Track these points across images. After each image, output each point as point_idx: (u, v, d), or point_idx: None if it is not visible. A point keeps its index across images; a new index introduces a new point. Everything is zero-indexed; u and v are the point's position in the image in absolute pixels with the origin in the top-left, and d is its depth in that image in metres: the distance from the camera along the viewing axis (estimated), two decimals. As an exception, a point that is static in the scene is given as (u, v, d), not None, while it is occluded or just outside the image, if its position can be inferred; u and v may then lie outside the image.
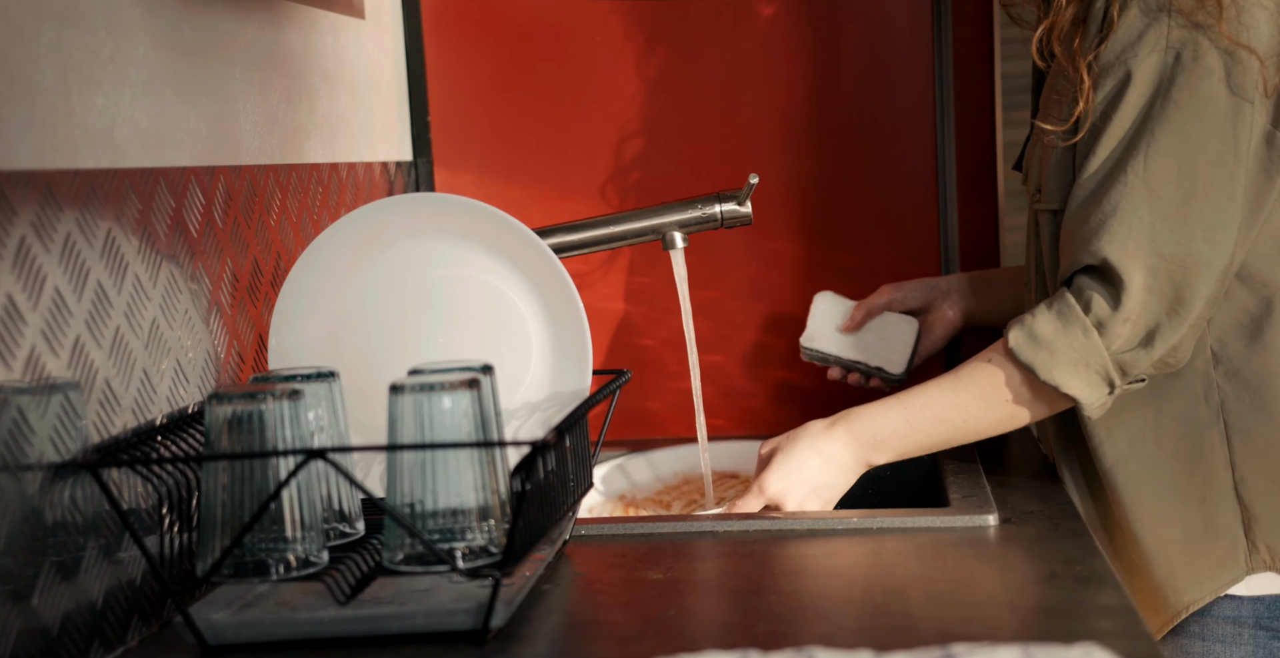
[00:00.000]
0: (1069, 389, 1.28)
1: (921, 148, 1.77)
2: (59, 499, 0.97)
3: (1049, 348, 1.28)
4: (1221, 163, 1.25)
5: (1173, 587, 1.33)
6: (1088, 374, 1.28)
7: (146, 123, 1.14)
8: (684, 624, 1.04)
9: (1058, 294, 1.30)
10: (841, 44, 1.78)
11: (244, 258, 1.31)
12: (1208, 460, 1.33)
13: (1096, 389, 1.29)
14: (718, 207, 1.55)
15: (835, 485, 1.36)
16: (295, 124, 1.46)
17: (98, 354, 1.04)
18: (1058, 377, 1.28)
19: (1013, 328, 1.30)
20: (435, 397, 1.01)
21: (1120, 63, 1.26)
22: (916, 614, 1.04)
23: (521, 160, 1.82)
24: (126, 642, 1.05)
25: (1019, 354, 1.29)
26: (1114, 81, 1.27)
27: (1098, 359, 1.27)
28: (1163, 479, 1.34)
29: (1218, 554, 1.32)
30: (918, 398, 1.34)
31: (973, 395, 1.32)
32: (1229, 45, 1.23)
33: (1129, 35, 1.26)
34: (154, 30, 1.17)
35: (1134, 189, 1.26)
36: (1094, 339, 1.27)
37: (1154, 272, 1.26)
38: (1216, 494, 1.32)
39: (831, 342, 1.63)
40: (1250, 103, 1.24)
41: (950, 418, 1.33)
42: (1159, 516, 1.33)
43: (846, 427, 1.35)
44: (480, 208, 1.25)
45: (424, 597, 1.08)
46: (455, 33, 1.81)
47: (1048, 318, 1.29)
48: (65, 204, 1.01)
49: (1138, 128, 1.27)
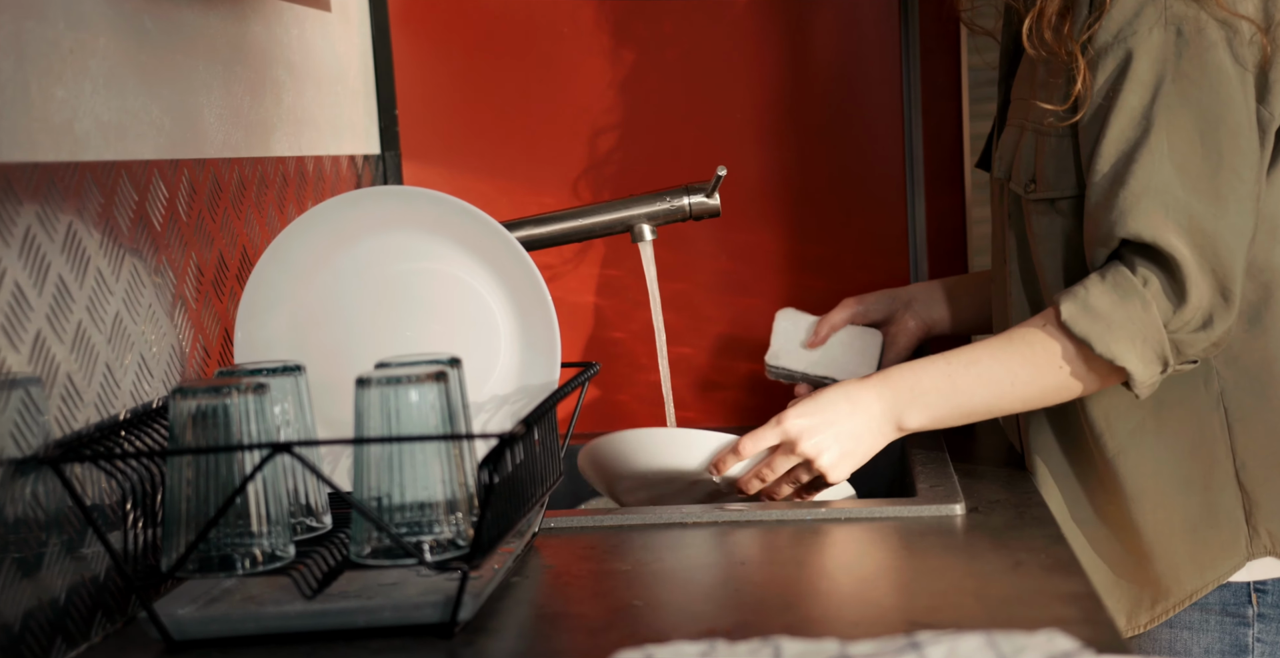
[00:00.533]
0: (1124, 362, 1.23)
1: (889, 140, 1.78)
2: (20, 495, 0.97)
3: (1106, 320, 1.23)
4: (1240, 133, 1.23)
5: (1174, 576, 1.32)
6: (1144, 350, 1.23)
7: (108, 115, 1.13)
8: (652, 615, 1.04)
9: (1110, 267, 1.25)
10: (810, 37, 1.78)
11: (209, 252, 1.31)
12: (1209, 448, 1.32)
13: (1150, 366, 1.24)
14: (686, 199, 1.55)
15: (861, 438, 1.28)
16: (260, 117, 1.45)
17: (59, 349, 1.03)
18: (1115, 349, 1.23)
19: (1065, 300, 1.25)
20: (402, 390, 1.01)
21: (1119, 42, 1.24)
22: (883, 603, 1.04)
23: (490, 154, 1.82)
24: (90, 638, 1.04)
25: (1073, 327, 1.24)
26: (1115, 61, 1.25)
27: (1155, 334, 1.23)
28: (1165, 468, 1.32)
29: (1220, 542, 1.32)
30: (965, 355, 1.28)
31: (1025, 360, 1.26)
32: (1227, 16, 1.22)
33: (1125, 15, 1.24)
34: (115, 22, 1.16)
35: (1161, 167, 1.23)
36: (1152, 314, 1.23)
37: (1199, 248, 1.22)
38: (1218, 482, 1.32)
39: (796, 358, 1.61)
40: (1250, 72, 1.23)
41: (997, 379, 1.27)
42: (1161, 504, 1.32)
43: (882, 377, 1.29)
44: (448, 201, 1.25)
45: (391, 590, 1.07)
46: (423, 25, 1.81)
47: (1103, 289, 1.24)
48: (25, 197, 1.00)
49: (1151, 105, 1.24)
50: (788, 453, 1.30)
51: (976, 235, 1.80)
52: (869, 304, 1.61)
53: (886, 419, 1.29)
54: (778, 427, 1.29)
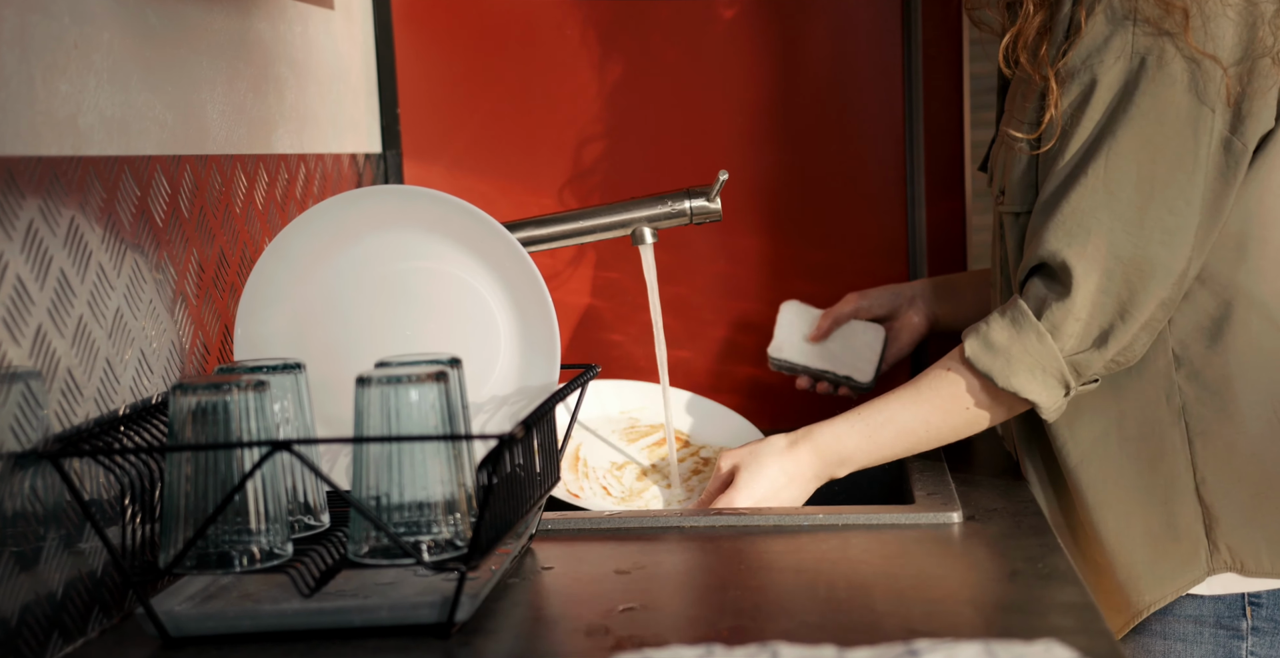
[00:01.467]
0: (1027, 394, 1.30)
1: (890, 146, 1.78)
2: (19, 489, 0.96)
3: (1005, 355, 1.30)
4: (1180, 167, 1.26)
5: (1134, 587, 1.34)
6: (1044, 378, 1.29)
7: (111, 110, 1.13)
8: (649, 619, 1.04)
9: (1011, 300, 1.32)
10: (812, 41, 1.78)
11: (210, 248, 1.30)
12: (1169, 461, 1.34)
13: (1053, 392, 1.30)
14: (687, 203, 1.55)
15: (798, 500, 1.37)
16: (263, 114, 1.45)
17: (60, 343, 1.03)
18: (1015, 383, 1.30)
19: (968, 336, 1.32)
20: (402, 389, 1.01)
21: (1086, 68, 1.28)
22: (880, 610, 1.04)
23: (491, 154, 1.82)
24: (87, 633, 1.04)
25: (976, 363, 1.31)
26: (1079, 87, 1.28)
27: (1052, 362, 1.29)
28: (1125, 479, 1.34)
29: (1180, 555, 1.33)
30: (879, 413, 1.36)
31: (934, 406, 1.34)
32: (1194, 54, 1.24)
33: (1094, 41, 1.27)
34: (120, 17, 1.16)
35: (1093, 191, 1.27)
36: (1048, 343, 1.28)
37: (1109, 274, 1.27)
38: (1178, 495, 1.33)
39: (799, 351, 1.63)
40: (1212, 110, 1.26)
41: (913, 429, 1.35)
42: (1122, 515, 1.34)
43: (810, 447, 1.36)
44: (449, 201, 1.25)
45: (388, 590, 1.07)
46: (425, 24, 1.80)
47: (1001, 325, 1.30)
48: (28, 191, 1.00)
49: (1100, 131, 1.28)
50: (728, 478, 1.37)
51: (976, 242, 1.81)
52: (873, 299, 1.63)
53: (817, 480, 1.38)
54: (727, 461, 1.37)
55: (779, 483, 1.35)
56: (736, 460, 1.38)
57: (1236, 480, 1.33)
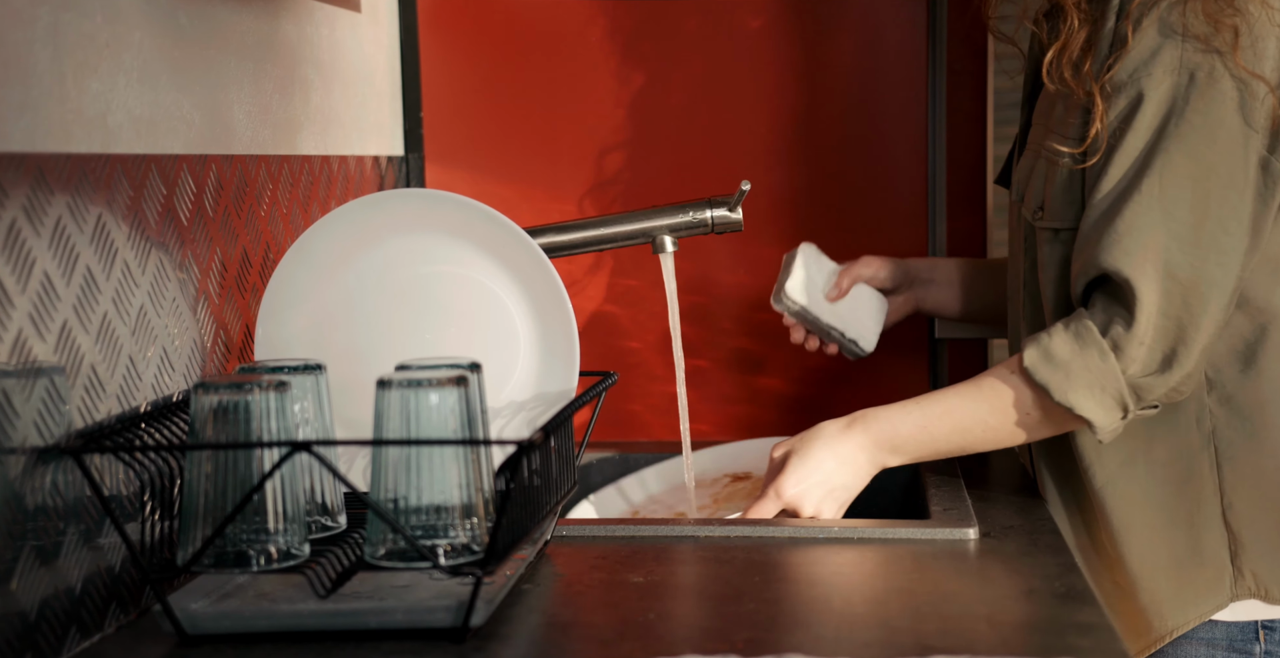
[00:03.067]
0: (1083, 411, 1.27)
1: (912, 159, 1.78)
2: (41, 484, 0.97)
3: (1064, 369, 1.27)
4: (1232, 186, 1.25)
5: (1157, 611, 1.33)
6: (1103, 397, 1.27)
7: (140, 109, 1.14)
8: (664, 628, 1.04)
9: (1074, 314, 1.29)
10: (836, 55, 1.78)
11: (233, 248, 1.31)
12: (1197, 486, 1.32)
13: (1111, 413, 1.27)
14: (709, 212, 1.55)
15: (851, 487, 1.34)
16: (288, 115, 1.46)
17: (84, 339, 1.03)
18: (1072, 398, 1.27)
19: (1028, 346, 1.29)
20: (422, 393, 1.01)
21: (1133, 82, 1.26)
22: (896, 626, 1.04)
23: (513, 159, 1.82)
24: (104, 629, 1.04)
25: (1034, 374, 1.28)
26: (1126, 100, 1.26)
27: (1113, 383, 1.26)
28: (1152, 503, 1.33)
29: (1204, 580, 1.32)
30: (938, 404, 1.33)
31: (992, 408, 1.31)
32: (1242, 73, 1.23)
33: (1142, 55, 1.25)
34: (151, 17, 1.16)
35: (1149, 209, 1.25)
36: (1111, 362, 1.26)
37: (1168, 294, 1.25)
38: (1205, 520, 1.32)
39: (812, 299, 1.57)
40: (1256, 131, 1.24)
41: (969, 427, 1.32)
42: (1147, 539, 1.33)
43: (863, 428, 1.34)
44: (472, 205, 1.25)
45: (404, 593, 1.07)
46: (450, 29, 1.81)
47: (1064, 338, 1.28)
48: (56, 188, 1.00)
49: (1151, 147, 1.26)
50: (791, 515, 1.35)
51: (996, 256, 1.80)
52: (886, 271, 1.60)
53: (871, 465, 1.35)
54: (779, 499, 1.34)
55: (828, 467, 1.33)
56: (789, 447, 1.36)
57: (1264, 507, 1.32)
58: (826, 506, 1.33)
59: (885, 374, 1.80)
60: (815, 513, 1.33)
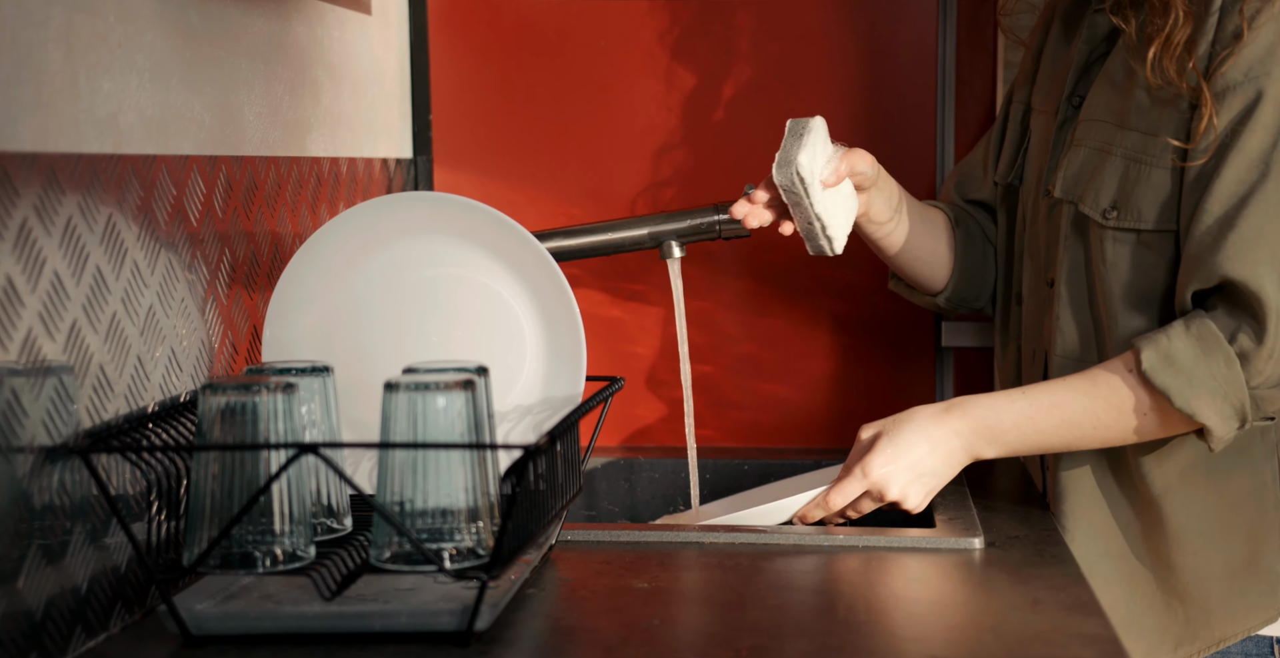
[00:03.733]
0: (1204, 419, 1.23)
1: (921, 168, 1.78)
2: (48, 483, 0.97)
3: (1188, 374, 1.22)
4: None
5: (1204, 621, 1.31)
6: (1224, 406, 1.23)
7: (151, 110, 1.14)
8: (667, 634, 1.04)
9: (1193, 316, 1.24)
10: (845, 60, 1.78)
11: (242, 249, 1.31)
12: (1258, 497, 1.31)
13: (1229, 422, 1.23)
14: (716, 218, 1.56)
15: (941, 475, 1.29)
16: (298, 117, 1.46)
17: (93, 339, 1.03)
18: (1195, 405, 1.23)
19: (1146, 348, 1.24)
20: (430, 396, 1.01)
21: (1250, 80, 1.21)
22: (901, 635, 1.04)
23: (522, 162, 1.82)
24: (109, 629, 1.04)
25: (1154, 377, 1.23)
26: (1242, 100, 1.22)
27: (1237, 392, 1.22)
28: (1211, 512, 1.31)
29: (1257, 592, 1.30)
30: (1047, 396, 1.27)
31: (1108, 405, 1.25)
32: None
33: (1258, 52, 1.21)
34: (163, 18, 1.16)
35: (1274, 214, 1.21)
36: (1236, 371, 1.22)
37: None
38: (1264, 532, 1.31)
39: (814, 183, 1.39)
40: None
41: (1079, 422, 1.26)
42: (1203, 549, 1.31)
43: (962, 413, 1.28)
44: (480, 209, 1.25)
45: (409, 596, 1.07)
46: (460, 31, 1.81)
47: (1186, 342, 1.22)
48: (68, 187, 1.00)
49: (1273, 149, 1.21)
50: (875, 499, 1.30)
51: None
52: (873, 171, 1.44)
53: (965, 454, 1.30)
54: (864, 479, 1.29)
55: (920, 451, 1.27)
56: (880, 428, 1.30)
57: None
58: (913, 490, 1.28)
59: (892, 382, 1.80)
60: (900, 498, 1.28)
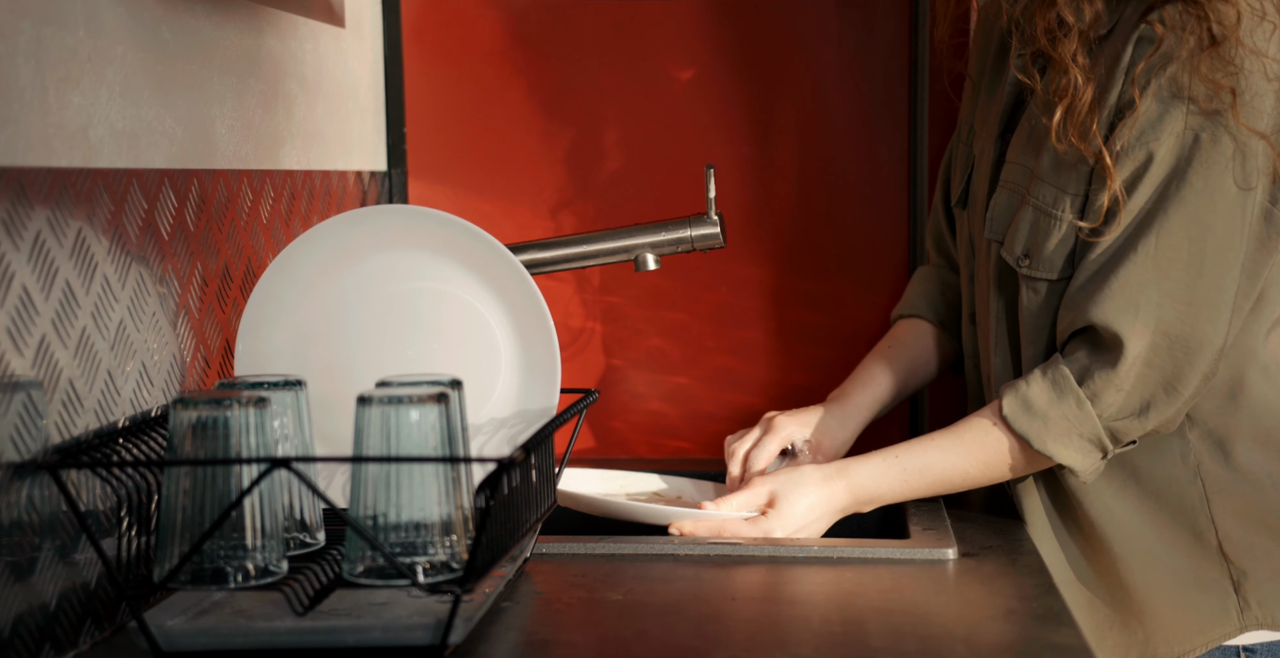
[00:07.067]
0: (1062, 459, 1.30)
1: (894, 180, 1.79)
2: (16, 499, 0.96)
3: (1042, 418, 1.30)
4: (1230, 246, 1.27)
5: (1163, 637, 1.33)
6: (1081, 443, 1.30)
7: (122, 123, 1.13)
8: (643, 647, 1.04)
9: (1051, 361, 1.31)
10: (821, 76, 1.79)
11: (214, 262, 1.31)
12: (1190, 517, 1.33)
13: (1089, 456, 1.30)
14: (690, 231, 1.56)
15: (819, 528, 1.37)
16: (271, 130, 1.45)
17: (63, 354, 1.03)
18: (1051, 447, 1.30)
19: (1006, 394, 1.32)
20: (403, 410, 1.01)
21: (1141, 144, 1.27)
22: (875, 645, 1.04)
23: (497, 175, 1.82)
24: (78, 646, 1.03)
25: (1013, 423, 1.31)
26: (1134, 163, 1.28)
27: (1090, 428, 1.29)
28: (1149, 530, 1.34)
29: (1209, 608, 1.32)
30: (918, 458, 1.35)
31: (975, 459, 1.34)
32: (1241, 131, 1.25)
33: (1150, 117, 1.27)
34: (133, 32, 1.16)
35: (1144, 267, 1.27)
36: (1087, 410, 1.28)
37: (1155, 348, 1.27)
38: (1203, 550, 1.33)
39: None
40: (1255, 189, 1.26)
41: (949, 478, 1.36)
42: (1149, 565, 1.34)
43: (846, 485, 1.35)
44: (454, 222, 1.25)
45: (382, 610, 1.07)
46: (435, 45, 1.81)
47: (1041, 387, 1.30)
48: (36, 202, 1.00)
49: (1152, 206, 1.27)
50: (766, 506, 1.35)
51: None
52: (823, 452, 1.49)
53: (844, 512, 1.38)
54: (755, 528, 1.33)
55: (812, 516, 1.35)
56: (774, 488, 1.35)
57: (1260, 535, 1.32)
58: (789, 522, 1.35)
59: (866, 393, 1.80)
60: (776, 519, 1.34)
